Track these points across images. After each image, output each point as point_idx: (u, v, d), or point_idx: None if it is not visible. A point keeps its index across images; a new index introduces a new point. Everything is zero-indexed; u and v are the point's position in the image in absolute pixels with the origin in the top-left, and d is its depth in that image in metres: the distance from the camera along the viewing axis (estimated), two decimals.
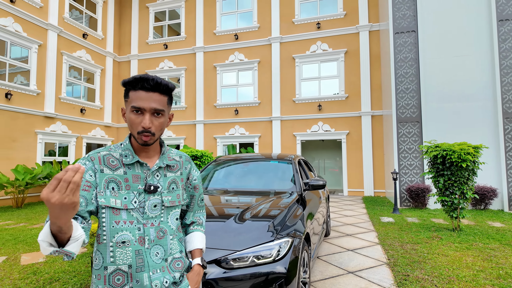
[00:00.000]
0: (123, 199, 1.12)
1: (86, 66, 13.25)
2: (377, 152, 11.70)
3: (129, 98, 1.13)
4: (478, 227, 6.09)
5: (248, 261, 2.19)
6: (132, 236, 1.11)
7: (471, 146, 5.44)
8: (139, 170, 1.17)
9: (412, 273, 3.69)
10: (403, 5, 9.18)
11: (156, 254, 1.15)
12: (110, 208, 1.11)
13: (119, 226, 1.10)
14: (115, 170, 1.14)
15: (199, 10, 14.16)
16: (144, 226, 1.14)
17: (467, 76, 8.51)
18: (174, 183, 1.25)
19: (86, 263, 4.16)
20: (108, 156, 1.16)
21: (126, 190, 1.13)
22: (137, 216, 1.13)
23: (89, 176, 1.11)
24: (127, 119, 1.15)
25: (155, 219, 1.16)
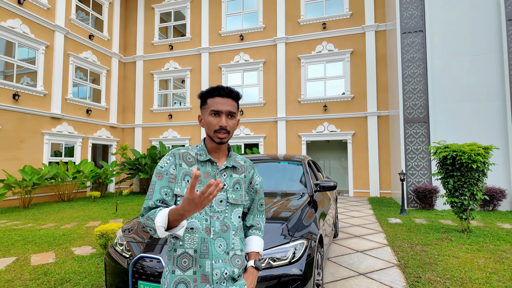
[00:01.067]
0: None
1: (92, 67, 13.33)
2: (383, 152, 11.65)
3: (207, 105, 1.32)
4: (488, 228, 6.03)
5: (264, 263, 2.18)
6: (200, 225, 1.26)
7: (481, 147, 5.39)
8: (210, 168, 1.34)
9: (424, 275, 3.66)
10: (410, 4, 9.13)
11: (219, 245, 1.27)
12: (183, 197, 1.25)
13: None
14: (191, 166, 1.33)
15: (205, 10, 14.19)
16: (210, 218, 1.28)
17: (476, 76, 8.44)
18: (238, 183, 1.38)
19: (96, 264, 4.17)
20: (186, 153, 1.35)
21: (198, 184, 1.27)
22: (206, 208, 1.28)
23: (172, 169, 1.31)
24: (204, 122, 1.34)
25: (220, 213, 1.30)
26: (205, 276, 1.23)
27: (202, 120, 1.37)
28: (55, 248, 4.96)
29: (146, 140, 14.84)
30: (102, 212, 8.38)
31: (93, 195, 10.77)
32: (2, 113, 9.66)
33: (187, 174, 1.31)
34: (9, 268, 4.04)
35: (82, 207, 9.41)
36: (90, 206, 9.52)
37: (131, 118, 15.16)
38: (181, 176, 1.31)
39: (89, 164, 11.44)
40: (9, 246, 5.10)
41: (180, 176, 1.31)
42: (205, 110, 1.34)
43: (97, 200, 11.11)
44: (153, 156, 12.79)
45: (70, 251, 4.80)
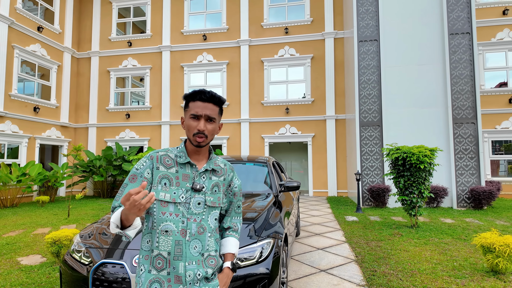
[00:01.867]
0: (173, 194, 1.30)
1: (41, 61, 12.33)
2: (340, 154, 12.22)
3: (189, 108, 1.35)
4: (433, 223, 6.61)
5: None
6: (175, 227, 1.28)
7: (428, 149, 5.90)
8: (189, 171, 1.36)
9: (379, 269, 3.92)
10: (366, 15, 9.72)
11: (195, 247, 1.30)
12: (159, 201, 1.30)
13: (164, 217, 1.28)
14: (169, 168, 1.34)
15: (166, 8, 13.82)
16: (187, 220, 1.30)
17: (423, 84, 9.21)
18: (217, 186, 1.40)
19: (47, 273, 3.88)
20: (165, 156, 1.37)
21: (176, 186, 1.32)
22: (183, 211, 1.30)
23: (147, 173, 1.33)
24: (185, 125, 1.37)
25: (197, 215, 1.32)
26: (178, 277, 1.26)
27: (184, 123, 1.40)
28: None
29: (101, 140, 14.05)
30: (52, 218, 7.78)
31: (41, 199, 9.95)
32: None
33: (165, 177, 1.32)
34: None
35: (28, 213, 8.66)
36: (38, 212, 8.79)
37: (85, 117, 14.26)
38: (157, 179, 1.32)
39: (37, 166, 10.55)
40: None
41: (156, 179, 1.32)
42: (187, 113, 1.36)
43: (46, 205, 10.28)
44: (109, 157, 12.14)
45: (16, 261, 4.41)
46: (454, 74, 9.00)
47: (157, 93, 13.74)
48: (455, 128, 8.89)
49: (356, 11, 9.76)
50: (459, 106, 8.92)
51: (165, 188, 1.31)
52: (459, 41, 9.05)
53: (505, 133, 11.08)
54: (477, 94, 8.82)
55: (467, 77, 8.93)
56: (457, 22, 9.10)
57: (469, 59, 8.94)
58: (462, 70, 8.96)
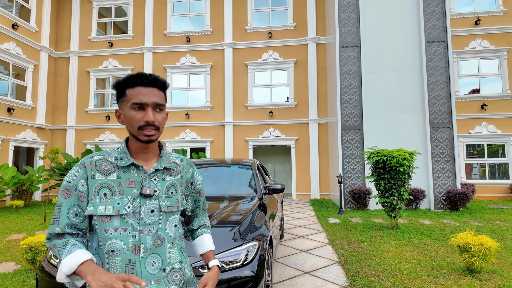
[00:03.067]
0: (116, 205, 1.08)
1: (15, 60, 11.85)
2: (322, 157, 12.39)
3: (127, 97, 1.11)
4: (412, 225, 6.81)
5: None
6: (124, 245, 1.07)
7: (407, 152, 6.09)
8: (135, 174, 1.13)
9: (361, 270, 3.99)
10: (348, 21, 9.96)
11: (153, 263, 1.10)
12: (99, 216, 1.08)
13: (107, 234, 1.07)
14: (108, 175, 1.11)
15: (149, 9, 13.64)
16: (140, 233, 1.09)
17: (402, 89, 9.51)
18: (173, 187, 1.20)
19: (22, 281, 3.71)
20: (101, 160, 1.13)
21: (119, 195, 1.09)
22: (133, 223, 1.09)
23: (81, 185, 1.10)
24: (125, 118, 1.12)
25: (152, 225, 1.11)
26: None
27: (121, 116, 1.15)
28: None
29: (80, 143, 13.63)
30: (26, 223, 7.45)
31: (15, 204, 9.51)
32: None
33: (104, 186, 1.09)
34: None
35: (1, 218, 8.25)
36: (11, 217, 8.40)
37: (63, 118, 13.80)
38: (94, 190, 1.09)
39: (10, 169, 10.09)
40: None
41: (93, 190, 1.09)
42: (125, 104, 1.11)
43: (20, 210, 9.84)
44: None
45: None
46: (431, 80, 9.35)
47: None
48: (432, 132, 9.23)
49: (338, 17, 9.99)
50: (435, 111, 9.27)
51: (105, 199, 1.08)
52: (435, 49, 9.42)
53: (478, 138, 11.60)
54: (452, 100, 9.20)
55: (443, 84, 9.30)
56: (433, 30, 9.48)
57: (445, 66, 9.33)
58: (438, 77, 9.33)
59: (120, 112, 1.15)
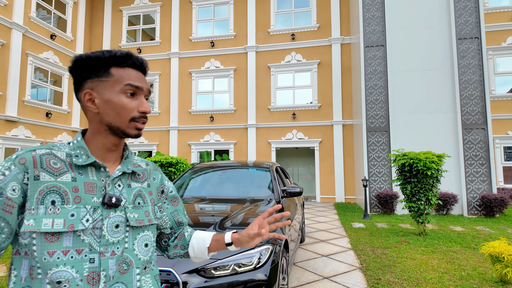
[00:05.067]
0: (69, 217, 0.78)
1: (53, 68, 12.66)
2: (347, 159, 12.11)
3: (114, 77, 0.86)
4: (442, 231, 6.47)
5: (229, 270, 2.20)
6: (76, 273, 0.77)
7: (435, 155, 5.81)
8: (94, 177, 0.85)
9: (383, 277, 3.85)
10: (373, 20, 9.69)
11: None
12: (41, 234, 0.76)
13: (53, 260, 0.76)
14: (59, 176, 0.81)
15: (175, 16, 14.06)
16: (101, 256, 0.81)
17: (431, 89, 9.10)
18: (140, 196, 0.94)
19: None
20: (49, 156, 0.82)
21: (74, 204, 0.80)
22: (91, 241, 0.80)
23: (11, 190, 0.76)
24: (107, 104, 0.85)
25: (116, 245, 0.84)
26: None
27: (95, 100, 0.86)
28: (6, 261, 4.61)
29: None
30: None
31: None
32: None
33: (53, 191, 0.79)
34: None
35: None
36: None
37: None
38: (37, 196, 0.78)
39: None
40: None
41: (35, 196, 0.78)
42: (109, 85, 0.85)
43: None
44: None
45: None
46: (463, 79, 8.87)
47: (166, 99, 13.92)
48: (464, 134, 8.74)
49: (362, 16, 9.75)
50: (468, 111, 8.77)
51: (52, 209, 0.77)
52: (467, 46, 8.93)
53: None
54: (487, 99, 8.67)
55: (477, 82, 8.79)
56: (465, 26, 8.99)
57: (478, 64, 8.81)
58: (471, 75, 8.83)
59: (93, 94, 0.85)
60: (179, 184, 4.18)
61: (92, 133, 0.89)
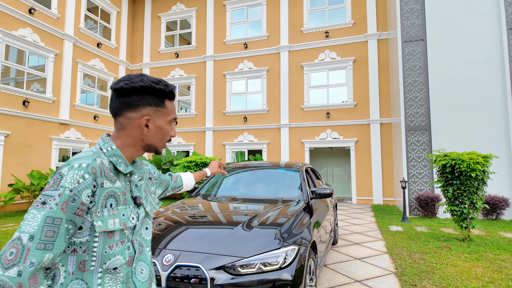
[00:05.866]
0: (122, 217, 0.96)
1: (99, 74, 13.63)
2: (386, 160, 11.64)
3: (167, 109, 1.05)
4: (489, 237, 6.00)
5: (255, 268, 2.26)
6: (123, 259, 0.97)
7: (481, 156, 5.41)
8: (123, 182, 1.00)
9: (419, 283, 3.69)
10: (411, 14, 9.22)
11: (141, 271, 1.04)
12: (104, 233, 0.91)
13: (112, 251, 0.93)
14: (114, 182, 0.96)
15: (210, 20, 14.46)
16: (132, 244, 1.01)
17: (477, 84, 8.46)
18: (145, 191, 1.13)
19: None
20: (103, 165, 0.95)
21: (123, 205, 0.97)
22: (128, 234, 0.99)
23: (86, 197, 0.87)
24: (156, 129, 1.03)
25: (138, 233, 1.04)
26: None
27: (150, 125, 1.01)
28: None
29: None
30: None
31: None
32: (12, 119, 9.93)
33: (111, 196, 0.94)
34: None
35: None
36: None
37: None
38: (102, 201, 0.91)
39: None
40: None
41: (101, 201, 0.91)
42: (162, 115, 1.04)
43: None
44: (158, 161, 12.95)
45: None
46: None
47: (202, 101, 14.37)
48: None
49: (400, 10, 9.31)
50: None
51: (112, 211, 0.93)
52: None
53: None
54: None
55: None
56: None
57: None
58: None
59: (150, 120, 1.01)
60: (212, 182, 4.33)
61: (125, 144, 1.02)
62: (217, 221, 2.88)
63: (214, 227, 2.75)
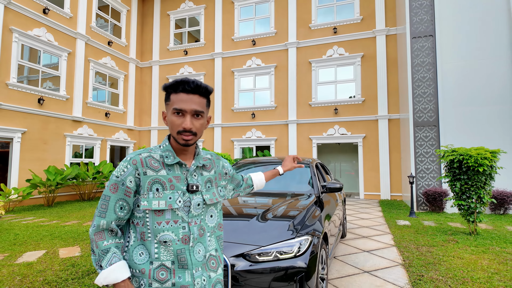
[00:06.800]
0: (168, 199, 1.17)
1: (110, 72, 13.90)
2: (394, 155, 11.70)
3: (171, 101, 1.18)
4: (496, 231, 6.09)
5: (272, 256, 2.43)
6: (175, 236, 1.16)
7: (488, 151, 5.49)
8: (179, 171, 1.22)
9: (426, 274, 3.83)
10: (420, 9, 9.23)
11: (199, 251, 1.22)
12: (152, 211, 1.15)
13: (161, 227, 1.15)
14: (158, 171, 1.18)
15: (218, 17, 14.58)
16: (189, 225, 1.19)
17: (486, 80, 8.46)
18: (210, 181, 1.31)
19: None
20: (150, 158, 1.20)
21: (171, 190, 1.18)
22: (183, 215, 1.18)
23: (129, 182, 1.16)
24: (168, 121, 1.21)
25: (197, 217, 1.22)
26: (185, 286, 1.16)
27: (166, 118, 1.24)
28: (80, 243, 5.35)
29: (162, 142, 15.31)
30: None
31: None
32: (28, 117, 10.26)
33: (156, 182, 1.17)
34: (40, 260, 4.43)
35: None
36: None
37: (147, 121, 15.68)
38: (147, 186, 1.16)
39: (108, 165, 11.95)
40: (38, 240, 5.52)
41: (146, 186, 1.16)
42: (168, 107, 1.20)
43: None
44: None
45: None
46: None
47: (211, 98, 14.53)
48: None
49: (409, 6, 9.31)
50: None
51: (157, 194, 1.16)
52: None
53: None
54: None
55: None
56: None
57: None
58: None
59: (165, 114, 1.24)
60: None
61: (172, 139, 1.26)
62: (233, 214, 3.06)
63: (231, 219, 2.93)
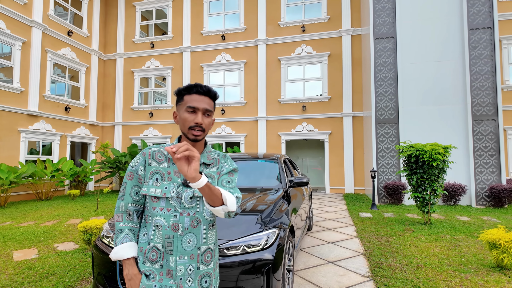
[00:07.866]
0: (164, 189, 1.32)
1: (71, 64, 13.13)
2: (357, 151, 12.23)
3: (184, 101, 1.35)
4: (447, 221, 6.62)
5: (240, 250, 2.48)
6: (166, 222, 1.30)
7: (441, 147, 5.93)
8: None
9: (385, 262, 4.09)
10: (383, 12, 9.68)
11: (189, 241, 1.31)
12: (150, 196, 1.34)
13: (155, 212, 1.32)
14: (161, 164, 1.36)
15: (186, 10, 14.27)
16: (180, 215, 1.31)
17: (441, 80, 9.09)
18: (211, 177, 1.39)
19: (80, 258, 4.33)
20: (157, 152, 1.39)
21: (168, 181, 1.33)
22: (175, 205, 1.31)
23: (140, 170, 1.38)
24: (180, 119, 1.35)
25: (191, 209, 1.32)
26: (169, 271, 1.29)
27: (177, 117, 1.39)
28: (37, 244, 5.05)
29: (126, 138, 14.77)
30: (82, 210, 8.41)
31: (72, 193, 10.70)
32: None
33: (156, 172, 1.34)
34: None
35: (61, 205, 9.37)
36: (70, 204, 9.49)
37: (111, 116, 15.04)
38: (149, 175, 1.35)
39: (68, 162, 11.33)
40: None
41: (148, 175, 1.35)
42: (181, 107, 1.35)
43: (77, 198, 11.03)
44: (134, 154, 12.80)
45: (53, 247, 4.92)
46: (474, 70, 8.83)
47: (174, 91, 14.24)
48: (474, 125, 8.74)
49: (373, 8, 9.74)
50: (479, 102, 8.75)
51: (156, 183, 1.32)
52: (479, 36, 8.85)
53: None
54: (498, 90, 8.62)
55: (488, 73, 8.73)
56: (477, 17, 8.90)
57: (490, 54, 8.74)
58: (482, 66, 8.77)
59: (177, 113, 1.40)
60: None
61: (182, 138, 1.41)
62: None
63: None
